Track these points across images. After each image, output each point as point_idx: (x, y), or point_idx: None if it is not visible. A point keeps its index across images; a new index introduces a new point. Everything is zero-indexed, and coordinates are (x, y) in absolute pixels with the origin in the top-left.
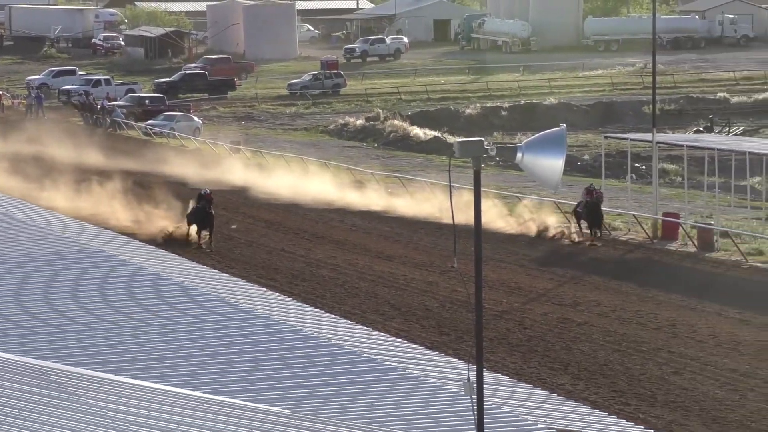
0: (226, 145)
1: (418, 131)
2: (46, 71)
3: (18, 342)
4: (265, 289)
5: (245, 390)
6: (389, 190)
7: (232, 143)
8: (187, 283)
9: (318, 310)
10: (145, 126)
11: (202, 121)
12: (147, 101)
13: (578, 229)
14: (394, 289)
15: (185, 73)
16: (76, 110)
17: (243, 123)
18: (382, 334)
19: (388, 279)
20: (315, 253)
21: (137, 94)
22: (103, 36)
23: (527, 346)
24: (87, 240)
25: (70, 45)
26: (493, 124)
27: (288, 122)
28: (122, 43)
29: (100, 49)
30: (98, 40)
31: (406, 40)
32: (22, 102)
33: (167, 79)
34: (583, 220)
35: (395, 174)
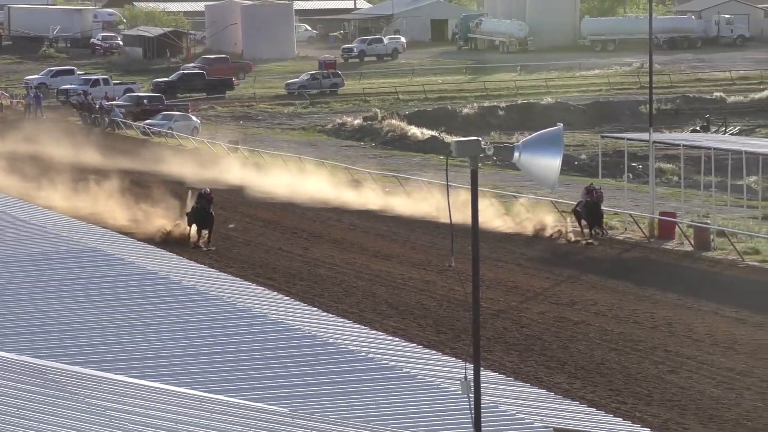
0: (224, 145)
1: (415, 131)
2: (45, 71)
3: (17, 341)
4: (263, 288)
5: (243, 389)
6: (387, 190)
7: (230, 143)
8: (185, 282)
9: (316, 309)
10: (143, 125)
11: (200, 121)
12: (145, 101)
13: (579, 229)
14: (392, 288)
15: (183, 73)
16: (75, 110)
17: (241, 122)
18: (379, 333)
19: (386, 278)
20: (313, 252)
21: (135, 94)
22: (102, 36)
23: (524, 344)
24: (85, 239)
25: (68, 45)
26: (490, 123)
27: (286, 122)
28: (121, 43)
29: (99, 48)
30: (97, 40)
31: (403, 39)
32: (20, 101)
33: (165, 79)
34: (583, 220)
35: (393, 173)
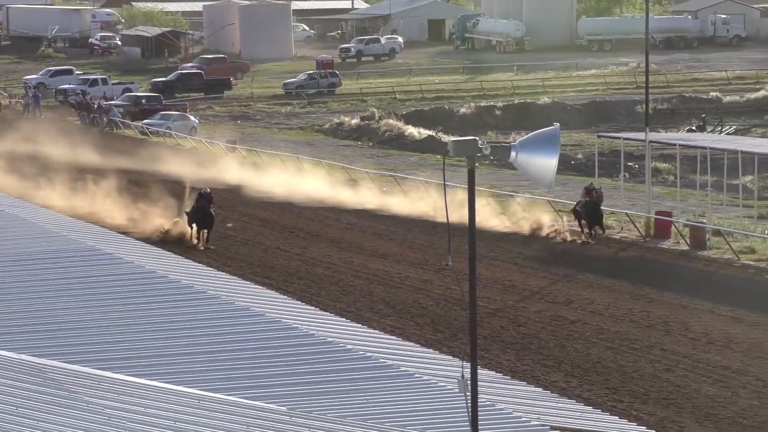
0: (222, 144)
1: (412, 130)
2: (44, 71)
3: (15, 339)
4: (261, 287)
5: (241, 387)
6: (384, 189)
7: (228, 142)
8: (183, 281)
9: (313, 307)
10: (141, 125)
11: (198, 121)
12: (143, 100)
13: (578, 229)
14: (389, 287)
15: (181, 73)
16: (73, 109)
17: (239, 122)
18: (376, 331)
19: (383, 277)
20: (310, 251)
21: (134, 94)
22: (100, 36)
23: (521, 343)
24: (83, 238)
25: (67, 45)
26: (487, 123)
27: (283, 121)
28: (119, 43)
29: (97, 48)
30: (95, 40)
31: (400, 39)
32: (19, 101)
33: (164, 79)
34: (583, 220)
35: (390, 173)
